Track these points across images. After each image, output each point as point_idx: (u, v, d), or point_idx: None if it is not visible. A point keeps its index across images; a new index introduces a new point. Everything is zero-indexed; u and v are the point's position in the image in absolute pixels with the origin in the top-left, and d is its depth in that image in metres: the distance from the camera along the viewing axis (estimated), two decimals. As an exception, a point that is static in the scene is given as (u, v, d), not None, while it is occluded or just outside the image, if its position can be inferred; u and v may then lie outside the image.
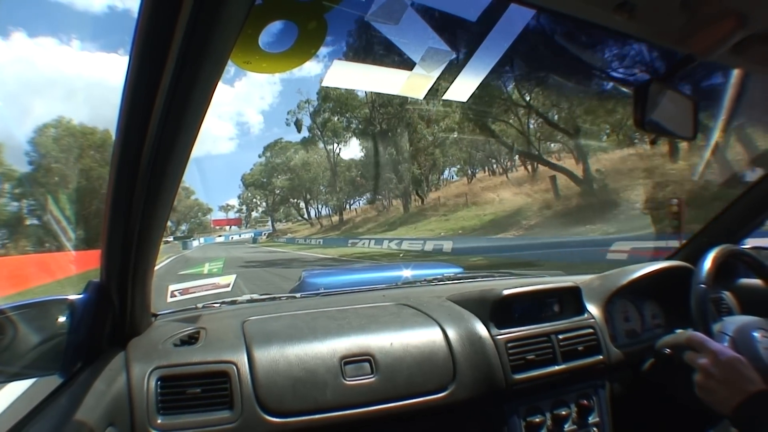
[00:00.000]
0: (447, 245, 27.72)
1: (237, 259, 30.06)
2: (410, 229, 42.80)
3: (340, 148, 69.74)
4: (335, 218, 75.80)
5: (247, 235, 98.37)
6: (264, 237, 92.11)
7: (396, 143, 52.18)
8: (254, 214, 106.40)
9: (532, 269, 14.13)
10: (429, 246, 29.56)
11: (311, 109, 67.24)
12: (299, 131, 69.40)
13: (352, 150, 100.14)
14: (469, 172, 59.58)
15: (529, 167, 41.41)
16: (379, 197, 63.05)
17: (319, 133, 67.79)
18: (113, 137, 1.20)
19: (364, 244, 41.06)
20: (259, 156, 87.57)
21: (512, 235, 27.84)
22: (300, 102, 68.29)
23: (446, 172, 62.81)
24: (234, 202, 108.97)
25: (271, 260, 29.09)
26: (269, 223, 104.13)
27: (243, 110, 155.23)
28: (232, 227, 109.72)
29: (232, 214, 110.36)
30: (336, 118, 64.47)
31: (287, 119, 69.35)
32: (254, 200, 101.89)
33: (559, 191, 29.99)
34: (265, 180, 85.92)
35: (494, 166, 56.23)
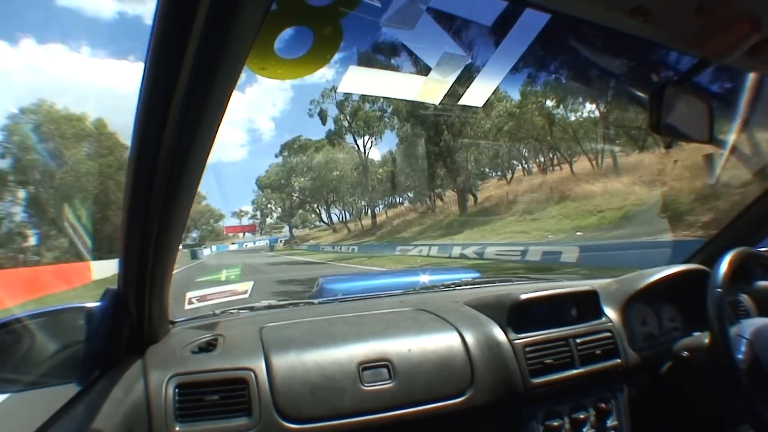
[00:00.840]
0: (569, 252, 18.65)
1: (256, 273, 24.33)
2: (483, 233, 34.39)
3: (372, 141, 62.60)
4: (366, 221, 69.40)
5: (262, 242, 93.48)
6: (281, 244, 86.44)
7: (452, 129, 43.25)
8: (269, 220, 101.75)
9: (550, 273, 13.90)
10: (534, 253, 20.75)
11: (338, 98, 58.77)
12: (324, 123, 61.81)
13: (387, 142, 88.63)
14: (524, 165, 49.38)
15: (596, 159, 36.03)
16: (420, 196, 55.23)
17: (347, 124, 61.14)
18: (128, 142, 1.20)
19: (420, 251, 33.06)
20: (276, 156, 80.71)
21: (687, 235, 18.00)
22: (324, 90, 59.84)
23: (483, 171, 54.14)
24: (247, 208, 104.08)
25: (305, 279, 17.76)
26: (285, 229, 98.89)
27: (254, 117, 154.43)
28: (246, 234, 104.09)
29: (245, 221, 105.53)
30: (368, 106, 57.90)
31: (310, 110, 61.23)
32: (269, 205, 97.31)
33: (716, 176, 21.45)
34: (283, 181, 78.02)
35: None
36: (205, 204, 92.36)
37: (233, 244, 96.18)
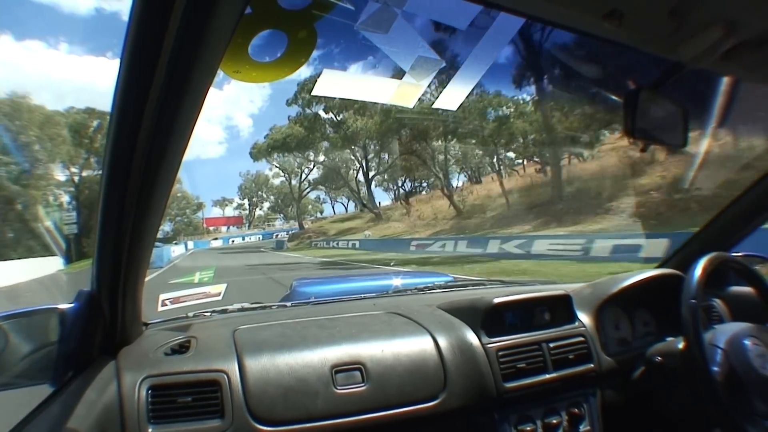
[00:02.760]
0: None
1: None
2: None
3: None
4: (468, 196, 45.13)
5: (253, 236, 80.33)
6: (282, 238, 63.11)
7: None
8: (258, 211, 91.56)
9: (522, 278, 13.98)
10: None
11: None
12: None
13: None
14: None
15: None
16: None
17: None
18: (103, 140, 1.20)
19: None
20: (288, 104, 52.15)
21: None
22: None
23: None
24: (232, 197, 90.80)
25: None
26: (278, 222, 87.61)
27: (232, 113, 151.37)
28: (230, 227, 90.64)
29: (230, 211, 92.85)
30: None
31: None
32: (260, 192, 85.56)
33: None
34: (297, 142, 52.10)
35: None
36: (178, 189, 76.78)
37: (216, 239, 79.50)
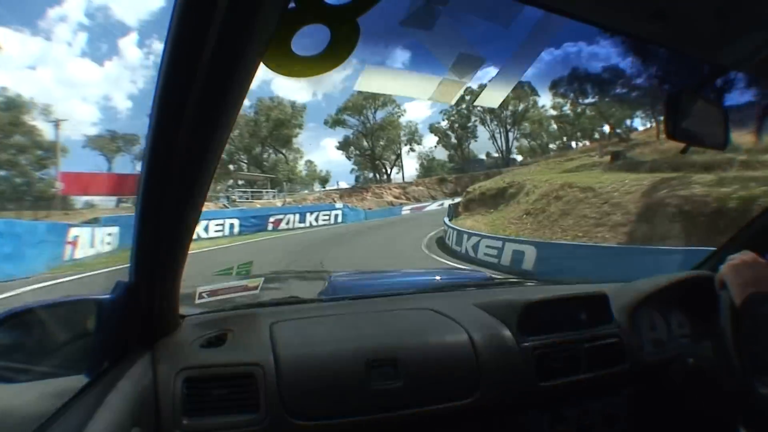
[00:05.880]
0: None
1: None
2: None
3: None
4: None
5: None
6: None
7: None
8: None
9: (558, 278, 13.93)
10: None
11: None
12: None
13: None
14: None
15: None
16: None
17: None
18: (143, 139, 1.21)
19: None
20: None
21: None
22: None
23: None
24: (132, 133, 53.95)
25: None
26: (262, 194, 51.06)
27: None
28: (122, 202, 43.40)
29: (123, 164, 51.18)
30: None
31: None
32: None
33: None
34: None
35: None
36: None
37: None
